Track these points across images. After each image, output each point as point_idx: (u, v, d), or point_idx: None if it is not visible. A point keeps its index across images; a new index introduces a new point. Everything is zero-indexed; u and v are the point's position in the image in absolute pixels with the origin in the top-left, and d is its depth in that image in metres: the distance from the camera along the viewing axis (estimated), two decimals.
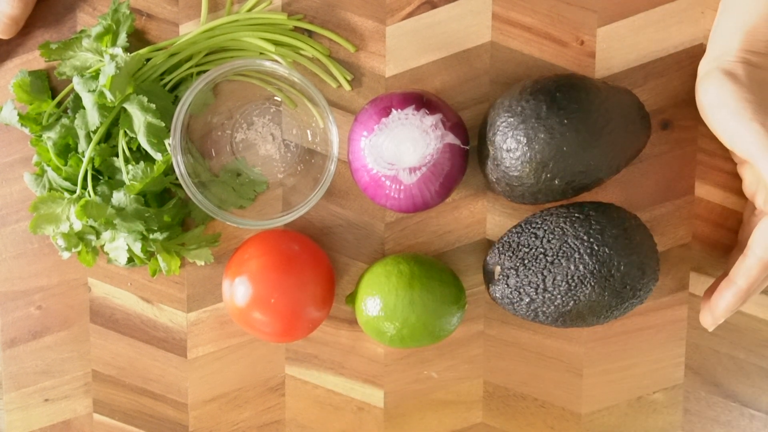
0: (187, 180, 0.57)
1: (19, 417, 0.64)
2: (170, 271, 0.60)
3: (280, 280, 0.57)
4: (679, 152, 0.61)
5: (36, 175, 0.61)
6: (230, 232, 0.63)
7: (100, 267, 0.63)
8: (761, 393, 0.63)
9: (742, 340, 0.63)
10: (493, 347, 0.63)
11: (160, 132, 0.57)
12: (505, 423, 0.64)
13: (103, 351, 0.64)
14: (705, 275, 0.62)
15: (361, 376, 0.64)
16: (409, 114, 0.55)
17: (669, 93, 0.61)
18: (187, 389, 0.64)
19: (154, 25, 0.61)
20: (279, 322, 0.58)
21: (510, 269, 0.57)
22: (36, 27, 0.62)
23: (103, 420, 0.64)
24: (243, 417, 0.64)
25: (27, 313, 0.63)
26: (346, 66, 0.61)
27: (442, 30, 0.61)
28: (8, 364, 0.64)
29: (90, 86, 0.58)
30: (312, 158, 0.62)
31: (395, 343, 0.58)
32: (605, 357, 0.63)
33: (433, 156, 0.55)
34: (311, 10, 0.61)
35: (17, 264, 0.63)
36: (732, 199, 0.62)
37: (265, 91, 0.62)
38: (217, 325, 0.63)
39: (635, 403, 0.63)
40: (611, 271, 0.55)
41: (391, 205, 0.57)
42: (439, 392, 0.64)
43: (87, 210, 0.57)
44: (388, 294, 0.57)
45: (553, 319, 0.57)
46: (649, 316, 0.63)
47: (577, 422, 0.64)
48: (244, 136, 0.62)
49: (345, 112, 0.61)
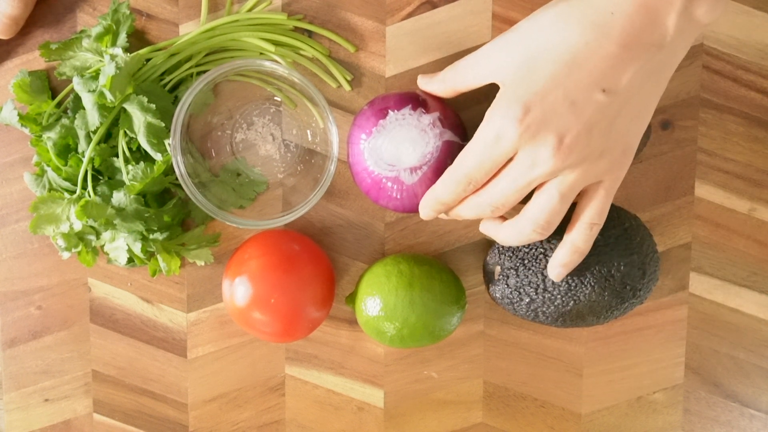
0: (187, 180, 0.57)
1: (19, 417, 0.64)
2: (170, 271, 0.60)
3: (280, 280, 0.57)
4: (679, 152, 0.61)
5: (36, 175, 0.61)
6: (230, 232, 0.63)
7: (100, 267, 0.63)
8: (761, 393, 0.63)
9: (742, 340, 0.63)
10: (493, 347, 0.63)
11: (160, 132, 0.57)
12: (505, 423, 0.64)
13: (103, 351, 0.64)
14: (705, 275, 0.62)
15: (361, 376, 0.64)
16: (406, 114, 0.55)
17: (669, 93, 0.61)
18: (187, 389, 0.64)
19: (154, 25, 0.61)
20: (279, 322, 0.58)
21: (510, 269, 0.57)
22: (36, 27, 0.62)
23: (103, 420, 0.64)
24: (243, 417, 0.64)
25: (27, 313, 0.63)
26: (346, 66, 0.61)
27: (442, 30, 0.61)
28: (8, 364, 0.64)
29: (90, 86, 0.58)
30: (312, 158, 0.62)
31: (395, 343, 0.58)
32: (605, 357, 0.63)
33: (433, 154, 0.55)
34: (311, 10, 0.61)
35: (17, 264, 0.63)
36: (732, 199, 0.62)
37: (265, 91, 0.62)
38: (217, 325, 0.63)
39: (635, 403, 0.63)
40: (611, 271, 0.55)
41: (394, 207, 0.57)
42: (439, 392, 0.64)
43: (87, 210, 0.57)
44: (388, 294, 0.57)
45: (553, 319, 0.57)
46: (649, 316, 0.63)
47: (577, 422, 0.64)
48: (244, 136, 0.62)
49: (345, 112, 0.61)
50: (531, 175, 0.49)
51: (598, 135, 0.49)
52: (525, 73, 0.49)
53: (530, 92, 0.48)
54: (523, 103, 0.48)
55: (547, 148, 0.48)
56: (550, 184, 0.50)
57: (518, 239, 0.53)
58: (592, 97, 0.48)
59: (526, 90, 0.48)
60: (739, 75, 0.61)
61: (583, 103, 0.48)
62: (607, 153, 0.50)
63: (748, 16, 0.60)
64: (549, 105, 0.48)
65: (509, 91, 0.49)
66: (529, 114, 0.48)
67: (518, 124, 0.48)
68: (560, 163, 0.48)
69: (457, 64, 0.54)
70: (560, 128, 0.48)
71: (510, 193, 0.50)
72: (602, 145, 0.49)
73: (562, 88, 0.48)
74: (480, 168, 0.50)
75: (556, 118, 0.48)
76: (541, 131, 0.48)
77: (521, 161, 0.49)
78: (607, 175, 0.51)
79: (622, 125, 0.49)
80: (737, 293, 0.62)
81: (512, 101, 0.49)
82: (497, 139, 0.49)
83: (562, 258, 0.53)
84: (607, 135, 0.49)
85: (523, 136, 0.48)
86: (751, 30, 0.61)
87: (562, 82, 0.48)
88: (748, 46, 0.61)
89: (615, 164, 0.51)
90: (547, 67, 0.48)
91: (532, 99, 0.48)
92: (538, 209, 0.51)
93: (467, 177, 0.51)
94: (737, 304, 0.62)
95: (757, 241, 0.62)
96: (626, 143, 0.50)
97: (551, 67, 0.48)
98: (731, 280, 0.62)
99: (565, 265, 0.54)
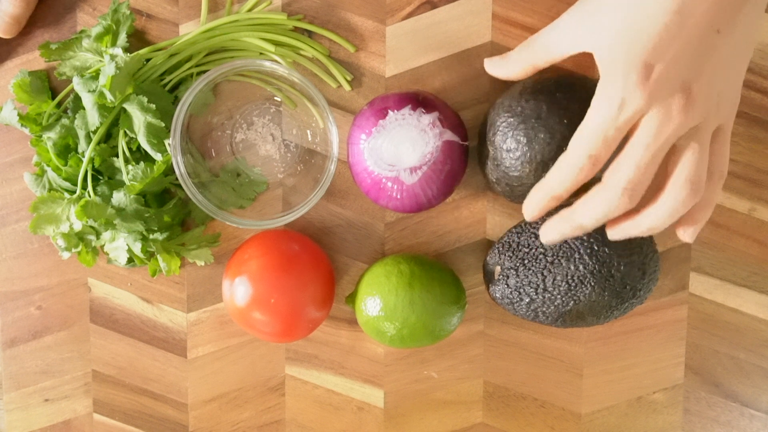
0: (187, 180, 0.57)
1: (19, 417, 0.64)
2: (170, 271, 0.60)
3: (280, 280, 0.57)
4: None
5: (36, 175, 0.61)
6: (230, 232, 0.63)
7: (100, 267, 0.63)
8: (761, 393, 0.63)
9: (742, 340, 0.63)
10: (493, 347, 0.63)
11: (160, 132, 0.57)
12: (505, 423, 0.64)
13: (103, 351, 0.64)
14: (705, 275, 0.62)
15: (361, 376, 0.64)
16: (405, 114, 0.55)
17: None
18: (187, 389, 0.64)
19: (154, 25, 0.61)
20: (279, 322, 0.58)
21: (510, 269, 0.57)
22: (36, 27, 0.62)
23: (103, 420, 0.64)
24: (243, 417, 0.64)
25: (27, 313, 0.63)
26: (346, 66, 0.61)
27: (442, 30, 0.61)
28: (8, 364, 0.64)
29: (90, 86, 0.58)
30: (312, 158, 0.62)
31: (395, 343, 0.58)
32: (605, 357, 0.63)
33: (433, 154, 0.55)
34: (311, 10, 0.61)
35: (17, 264, 0.63)
36: (732, 199, 0.62)
37: (265, 91, 0.62)
38: (217, 325, 0.63)
39: (635, 403, 0.63)
40: (611, 271, 0.55)
41: (394, 207, 0.57)
42: (439, 392, 0.64)
43: (87, 210, 0.57)
44: (388, 294, 0.57)
45: (553, 319, 0.57)
46: (649, 316, 0.63)
47: (577, 422, 0.64)
48: (244, 136, 0.62)
49: (345, 112, 0.61)
50: (665, 133, 0.46)
51: (721, 76, 0.47)
52: (632, 32, 0.46)
53: (647, 49, 0.46)
54: (642, 61, 0.45)
55: (676, 102, 0.46)
56: (685, 140, 0.47)
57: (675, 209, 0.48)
58: (710, 40, 0.46)
59: (641, 48, 0.45)
60: None
61: (704, 49, 0.46)
62: (727, 95, 0.48)
63: None
64: (671, 58, 0.45)
65: (620, 54, 0.46)
66: (653, 71, 0.45)
67: (643, 84, 0.45)
68: (693, 113, 0.46)
69: (533, 39, 0.52)
70: (686, 79, 0.46)
71: (645, 162, 0.46)
72: (723, 86, 0.47)
73: (679, 38, 0.45)
74: (604, 140, 0.47)
75: (679, 69, 0.46)
76: (668, 86, 0.46)
77: (650, 123, 0.46)
78: (726, 118, 0.49)
79: (738, 65, 0.48)
80: (737, 293, 0.62)
81: (629, 62, 0.46)
82: (622, 105, 0.46)
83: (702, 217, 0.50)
84: (727, 77, 0.47)
85: (652, 95, 0.45)
86: None
87: (678, 32, 0.45)
88: None
89: (732, 104, 0.49)
90: (656, 20, 0.45)
91: (652, 55, 0.45)
92: (687, 167, 0.47)
93: (588, 153, 0.47)
94: (737, 304, 0.62)
95: (757, 241, 0.62)
96: (739, 83, 0.49)
97: (661, 19, 0.45)
98: (731, 280, 0.62)
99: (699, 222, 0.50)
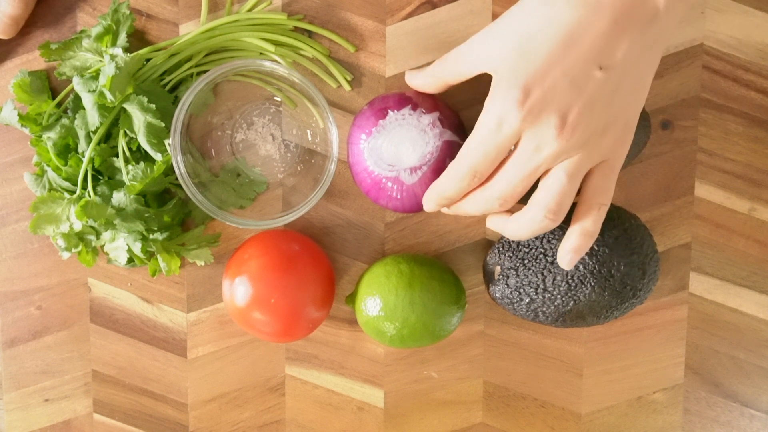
0: (187, 180, 0.57)
1: (19, 417, 0.64)
2: (170, 271, 0.60)
3: (280, 280, 0.57)
4: (679, 152, 0.61)
5: (36, 175, 0.61)
6: (230, 232, 0.63)
7: (100, 267, 0.63)
8: (761, 393, 0.63)
9: (742, 340, 0.63)
10: (493, 347, 0.63)
11: (160, 132, 0.57)
12: (505, 423, 0.64)
13: (103, 351, 0.64)
14: (705, 275, 0.62)
15: (361, 376, 0.64)
16: (405, 114, 0.55)
17: (669, 93, 0.61)
18: (187, 389, 0.64)
19: (154, 25, 0.61)
20: (279, 322, 0.58)
21: (510, 269, 0.57)
22: (36, 27, 0.62)
23: (103, 420, 0.64)
24: (243, 417, 0.64)
25: (27, 313, 0.63)
26: (346, 66, 0.61)
27: (442, 30, 0.61)
28: (8, 364, 0.64)
29: (90, 86, 0.58)
30: (312, 158, 0.62)
31: (395, 343, 0.58)
32: (605, 357, 0.63)
33: (433, 154, 0.55)
34: (311, 10, 0.61)
35: (17, 264, 0.63)
36: (732, 199, 0.62)
37: (265, 91, 0.62)
38: (217, 325, 0.63)
39: (635, 403, 0.63)
40: (611, 271, 0.55)
41: (394, 207, 0.57)
42: (439, 392, 0.64)
43: (87, 210, 0.57)
44: (388, 294, 0.57)
45: (553, 319, 0.57)
46: (649, 316, 0.63)
47: (577, 422, 0.64)
48: (244, 136, 0.62)
49: (345, 112, 0.61)
50: (538, 158, 0.48)
51: (600, 111, 0.48)
52: (520, 56, 0.48)
53: (528, 74, 0.48)
54: (522, 85, 0.47)
55: (550, 128, 0.48)
56: (557, 168, 0.49)
57: (530, 229, 0.51)
58: (590, 73, 0.47)
59: (523, 72, 0.48)
60: (739, 75, 0.61)
61: (583, 80, 0.47)
62: (609, 129, 0.49)
63: (748, 16, 0.60)
64: (549, 85, 0.47)
65: (506, 77, 0.48)
66: (529, 96, 0.47)
67: (520, 107, 0.47)
68: (565, 142, 0.48)
69: (446, 56, 0.54)
70: (562, 107, 0.47)
71: (518, 181, 0.50)
72: (604, 122, 0.48)
73: (560, 67, 0.47)
74: (485, 158, 0.49)
75: (557, 97, 0.47)
76: (544, 112, 0.47)
77: (526, 146, 0.48)
78: (610, 153, 0.50)
79: (621, 100, 0.49)
80: (737, 293, 0.62)
81: (510, 85, 0.48)
82: (499, 126, 0.48)
83: (572, 243, 0.52)
84: (608, 111, 0.48)
85: (526, 118, 0.48)
86: (751, 30, 0.61)
87: (560, 61, 0.47)
88: (748, 46, 0.61)
89: (618, 141, 0.50)
90: (542, 47, 0.48)
91: (531, 80, 0.47)
92: (547, 193, 0.50)
93: (471, 169, 0.50)
94: (737, 304, 0.62)
95: (757, 241, 0.62)
96: (627, 119, 0.50)
97: (546, 47, 0.47)
98: (731, 280, 0.62)
99: (576, 250, 0.52)
